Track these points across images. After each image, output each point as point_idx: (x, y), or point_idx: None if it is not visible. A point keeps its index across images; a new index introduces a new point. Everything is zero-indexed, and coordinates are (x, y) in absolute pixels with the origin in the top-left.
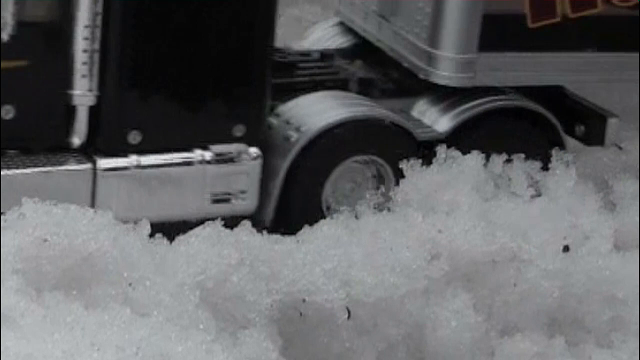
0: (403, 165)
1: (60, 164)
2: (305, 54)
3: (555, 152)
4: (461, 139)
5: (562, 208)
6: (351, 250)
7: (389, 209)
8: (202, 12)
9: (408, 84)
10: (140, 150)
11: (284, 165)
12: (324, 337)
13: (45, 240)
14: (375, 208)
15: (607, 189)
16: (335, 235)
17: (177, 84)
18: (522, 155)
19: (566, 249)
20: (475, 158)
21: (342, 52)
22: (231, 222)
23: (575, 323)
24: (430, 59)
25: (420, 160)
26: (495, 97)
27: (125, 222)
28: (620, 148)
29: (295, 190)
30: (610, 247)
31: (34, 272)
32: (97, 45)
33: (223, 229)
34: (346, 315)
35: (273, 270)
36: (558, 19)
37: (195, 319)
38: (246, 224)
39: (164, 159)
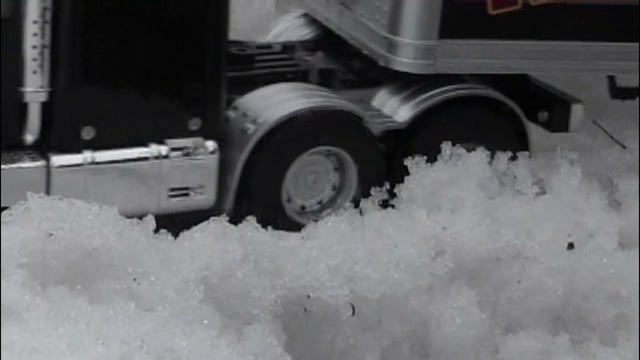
0: (408, 162)
1: (14, 161)
2: (266, 46)
3: (559, 150)
4: (421, 128)
5: (567, 206)
6: (356, 247)
7: (393, 206)
8: (155, 6)
9: (369, 74)
10: (95, 146)
11: (241, 158)
12: (328, 333)
13: (51, 235)
14: (380, 205)
15: (611, 188)
16: (339, 231)
17: (131, 78)
18: (526, 153)
19: (571, 246)
20: (480, 155)
21: (305, 44)
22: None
23: (580, 321)
24: (390, 46)
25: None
26: (456, 86)
27: None
28: (624, 147)
29: (254, 183)
30: (615, 245)
31: (39, 267)
32: (47, 41)
33: (228, 224)
34: (350, 312)
35: (277, 266)
36: (519, 7)
37: (200, 314)
38: (251, 219)
39: (119, 155)
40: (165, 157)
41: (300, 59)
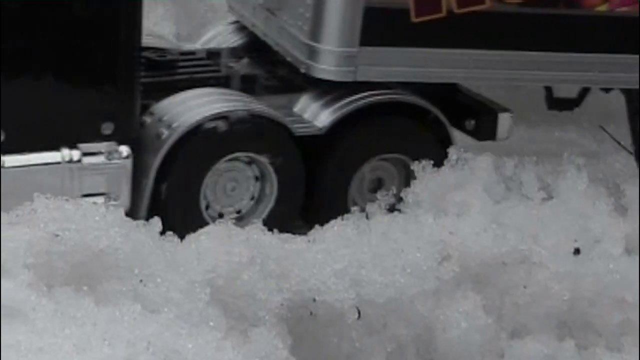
0: (414, 166)
1: None
2: (189, 52)
3: (566, 155)
4: (341, 134)
5: (573, 211)
6: (362, 251)
7: (399, 210)
8: (65, 7)
9: (293, 80)
10: (5, 150)
11: (154, 164)
12: (333, 337)
13: (57, 236)
14: (386, 209)
15: (618, 193)
16: (345, 235)
17: (42, 81)
18: (534, 158)
19: (577, 252)
20: (486, 160)
21: (232, 50)
22: None
23: (586, 326)
24: (311, 53)
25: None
26: (377, 92)
27: None
28: (631, 153)
29: (169, 190)
30: (621, 251)
31: (45, 267)
32: None
33: (234, 227)
34: (356, 315)
35: (283, 269)
36: (443, 14)
37: (206, 316)
38: (257, 222)
39: (30, 159)
40: (78, 161)
41: (224, 66)
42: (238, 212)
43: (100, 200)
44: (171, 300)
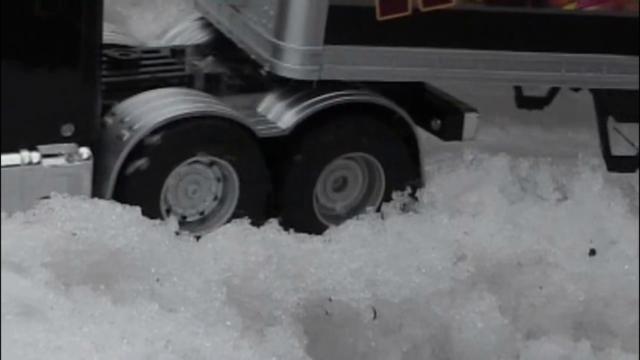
0: (430, 167)
1: None
2: (153, 50)
3: (581, 156)
4: (305, 135)
5: (589, 212)
6: (377, 251)
7: (415, 210)
8: (24, 7)
9: (257, 79)
10: None
11: (115, 166)
12: (349, 337)
13: (74, 235)
14: (401, 209)
15: (633, 194)
16: (361, 235)
17: (0, 82)
18: (549, 159)
19: (593, 252)
20: (501, 161)
21: (197, 48)
22: None
23: (601, 327)
24: (276, 51)
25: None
26: (342, 92)
27: None
28: None
29: (130, 192)
30: (636, 252)
31: (63, 266)
32: None
33: (249, 226)
34: (372, 315)
35: (299, 268)
36: (409, 13)
37: (222, 315)
38: (273, 222)
39: None
40: (37, 163)
41: (188, 64)
42: (201, 213)
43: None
44: (188, 299)
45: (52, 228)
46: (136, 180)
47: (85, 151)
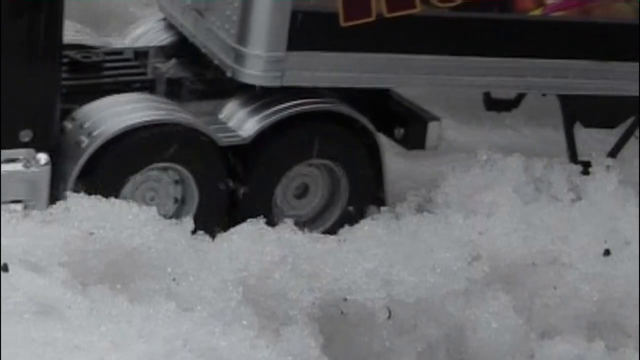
0: (444, 167)
1: None
2: (116, 52)
3: (595, 157)
4: (266, 143)
5: (603, 212)
6: (392, 251)
7: (429, 211)
8: None
9: (220, 84)
10: None
11: (73, 173)
12: (364, 336)
13: (92, 234)
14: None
15: None
16: (376, 235)
17: None
18: (563, 159)
19: (607, 252)
20: (515, 161)
21: (161, 50)
22: None
23: (615, 327)
24: (238, 57)
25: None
26: (305, 101)
27: None
28: None
29: None
30: None
31: (80, 266)
32: None
33: (265, 226)
34: (387, 315)
35: (315, 268)
36: (373, 19)
37: (238, 314)
38: (288, 222)
39: None
40: None
41: (150, 67)
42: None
43: (18, 207)
44: (204, 298)
45: (69, 227)
46: (94, 188)
47: (43, 157)
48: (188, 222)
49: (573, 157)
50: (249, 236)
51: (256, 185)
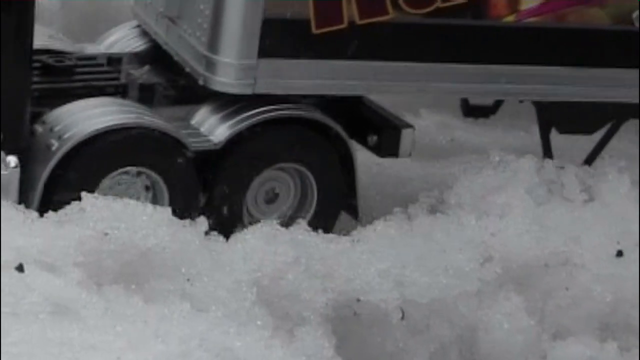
0: (456, 168)
1: None
2: (89, 57)
3: (607, 158)
4: (237, 149)
5: (615, 213)
6: (405, 251)
7: (441, 211)
8: None
9: (193, 90)
10: None
11: (42, 176)
12: (377, 337)
13: (106, 235)
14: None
15: None
16: (389, 235)
17: None
18: (576, 161)
19: (620, 254)
20: (528, 162)
21: (134, 56)
22: None
23: (628, 328)
24: (209, 65)
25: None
26: (277, 107)
27: None
28: None
29: (57, 203)
30: None
31: (95, 266)
32: None
33: (278, 227)
34: (400, 316)
35: (328, 269)
36: (344, 25)
37: (253, 315)
38: (301, 222)
39: None
40: None
41: (123, 73)
42: None
43: None
44: (218, 299)
45: (84, 228)
46: (64, 191)
47: (12, 160)
48: (202, 223)
49: None
50: (262, 237)
51: (227, 189)
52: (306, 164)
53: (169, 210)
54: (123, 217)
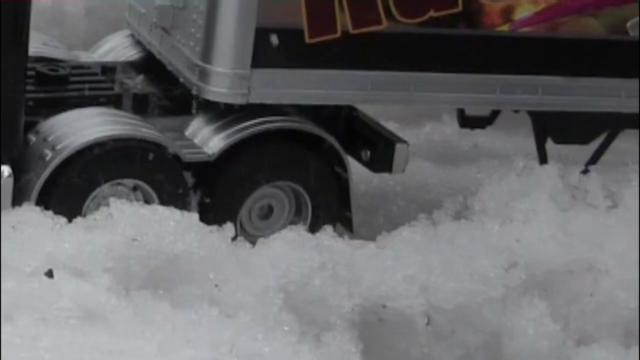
0: (481, 174)
1: None
2: (83, 66)
3: (631, 164)
4: (231, 161)
5: (639, 219)
6: (430, 257)
7: (466, 218)
8: None
9: (186, 101)
10: None
11: (36, 186)
12: (402, 342)
13: (135, 240)
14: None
15: None
16: (414, 241)
17: None
18: (598, 167)
19: None
20: (551, 168)
21: (128, 66)
22: None
23: None
24: (202, 74)
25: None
26: (271, 119)
27: None
28: None
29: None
30: None
31: (123, 271)
32: None
33: (305, 233)
34: (425, 321)
35: (354, 274)
36: (338, 35)
37: (280, 320)
38: (327, 228)
39: None
40: None
41: (117, 82)
42: None
43: None
44: (246, 304)
45: (112, 234)
46: (57, 201)
47: (6, 169)
48: (229, 229)
49: None
50: (289, 242)
51: (221, 201)
52: (300, 178)
53: (196, 216)
54: (151, 223)
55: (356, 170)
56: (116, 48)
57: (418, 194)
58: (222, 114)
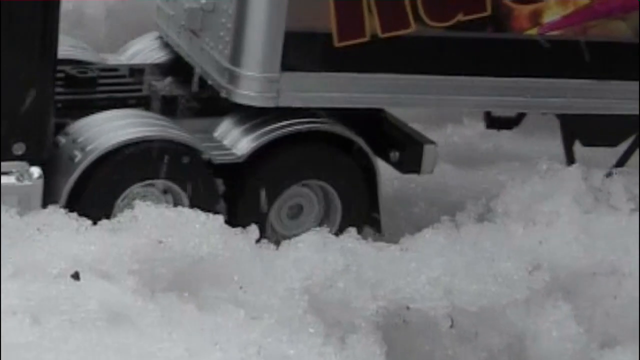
0: (503, 176)
1: None
2: (111, 69)
3: None
4: (260, 162)
5: None
6: (454, 260)
7: (489, 220)
8: None
9: (215, 103)
10: None
11: (66, 187)
12: (426, 345)
13: (160, 242)
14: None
15: None
16: (438, 244)
17: None
18: (621, 169)
19: None
20: (575, 171)
21: (156, 67)
22: None
23: None
24: (232, 78)
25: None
26: (301, 120)
27: None
28: None
29: (80, 214)
30: None
31: (149, 273)
32: None
33: (329, 235)
34: (449, 324)
35: (378, 277)
36: (367, 39)
37: (305, 323)
38: (351, 231)
39: None
40: None
41: (146, 84)
42: None
43: None
44: (271, 306)
45: (138, 236)
46: (86, 202)
47: (36, 171)
48: (254, 231)
49: None
50: (313, 245)
51: (250, 203)
52: (329, 179)
53: (221, 218)
54: (176, 225)
55: None
56: (144, 50)
57: (439, 197)
58: (251, 115)
